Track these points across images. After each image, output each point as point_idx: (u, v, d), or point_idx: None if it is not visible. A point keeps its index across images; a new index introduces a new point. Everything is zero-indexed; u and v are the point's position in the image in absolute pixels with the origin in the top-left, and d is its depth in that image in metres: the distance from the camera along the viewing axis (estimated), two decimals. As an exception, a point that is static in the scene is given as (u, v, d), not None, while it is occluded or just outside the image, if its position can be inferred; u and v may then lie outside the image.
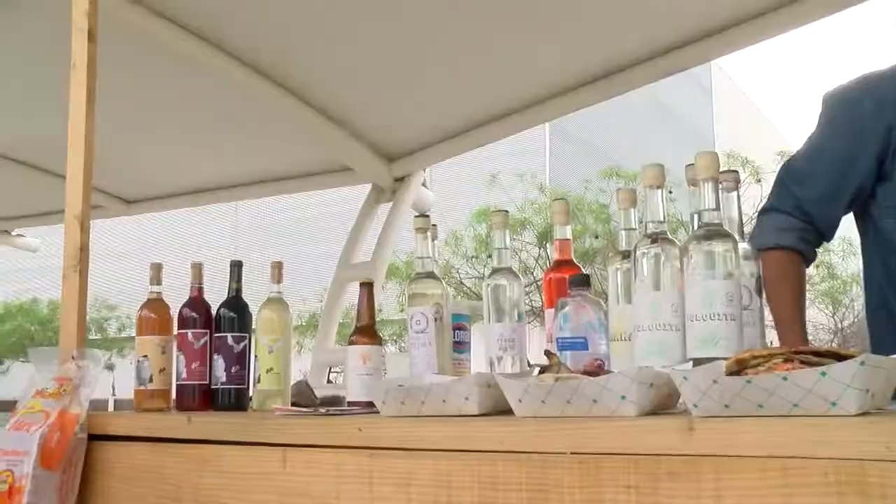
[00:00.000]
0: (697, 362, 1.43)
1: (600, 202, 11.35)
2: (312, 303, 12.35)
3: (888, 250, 1.91)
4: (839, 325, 16.50)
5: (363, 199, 4.31)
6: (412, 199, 4.26)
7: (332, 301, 4.31)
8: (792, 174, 2.05)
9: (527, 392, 1.38)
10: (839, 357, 1.15)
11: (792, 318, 1.94)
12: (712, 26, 2.92)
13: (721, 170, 1.66)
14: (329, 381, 4.43)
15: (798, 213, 1.99)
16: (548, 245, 11.12)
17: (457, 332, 2.16)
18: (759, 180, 11.94)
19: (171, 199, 4.94)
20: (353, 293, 3.28)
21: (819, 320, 16.85)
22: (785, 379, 1.11)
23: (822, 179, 1.98)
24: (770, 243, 2.00)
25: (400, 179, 4.18)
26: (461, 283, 10.80)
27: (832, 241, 2.07)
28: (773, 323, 1.92)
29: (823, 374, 1.09)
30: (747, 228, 1.85)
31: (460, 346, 2.17)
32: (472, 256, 10.85)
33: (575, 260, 1.91)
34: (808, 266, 2.02)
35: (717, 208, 1.52)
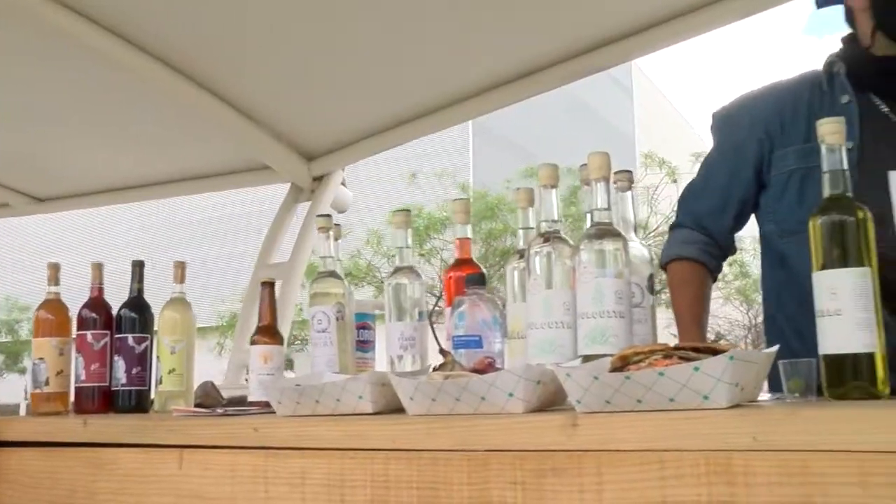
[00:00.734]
0: (588, 359, 1.45)
1: (510, 202, 11.50)
2: (234, 303, 12.20)
3: (770, 255, 1.98)
4: (753, 322, 16.98)
5: (283, 197, 4.27)
6: (331, 199, 4.23)
7: (250, 301, 4.23)
8: (690, 191, 2.15)
9: (417, 390, 1.40)
10: (715, 353, 1.19)
11: (690, 321, 2.01)
12: (632, 27, 2.97)
13: (615, 170, 1.71)
14: (247, 381, 4.38)
15: (698, 228, 2.07)
16: (519, 230, 11.18)
17: (361, 331, 2.16)
18: (675, 181, 12.19)
19: (86, 197, 4.80)
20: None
21: (735, 317, 17.32)
22: (661, 374, 1.15)
23: (711, 194, 2.07)
24: (673, 255, 2.08)
25: (319, 178, 4.15)
26: (382, 281, 10.80)
27: (746, 241, 2.14)
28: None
29: (696, 368, 1.12)
30: (664, 227, 1.90)
31: (364, 344, 2.17)
32: (393, 255, 10.85)
33: (474, 258, 1.93)
34: (714, 276, 2.09)
35: (608, 208, 1.55)
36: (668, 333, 1.91)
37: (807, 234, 1.39)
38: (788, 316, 1.89)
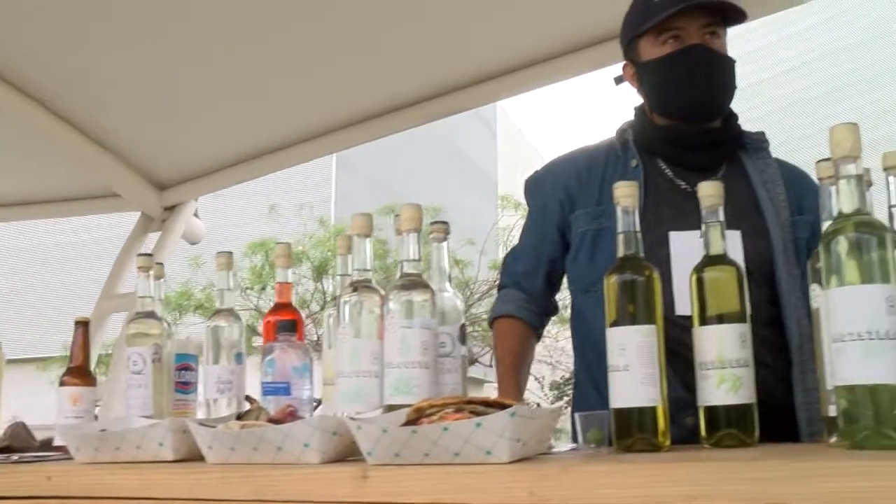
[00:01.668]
0: (392, 408, 1.47)
1: (378, 238, 11.50)
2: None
3: (574, 312, 2.06)
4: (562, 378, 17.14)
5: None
6: (182, 230, 4.13)
7: (92, 333, 4.08)
8: (510, 253, 2.23)
9: (215, 439, 1.38)
10: (504, 407, 1.22)
11: (505, 376, 2.06)
12: (496, 69, 3.06)
13: (431, 221, 1.74)
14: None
15: (517, 287, 2.14)
16: (324, 279, 11.12)
17: (182, 372, 2.11)
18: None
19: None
20: (115, 325, 3.12)
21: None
22: (446, 429, 1.17)
23: (526, 255, 2.15)
24: (496, 313, 2.15)
25: (170, 208, 4.05)
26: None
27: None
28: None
29: (479, 424, 1.15)
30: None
31: (185, 386, 2.12)
32: (247, 288, 10.67)
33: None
34: (537, 333, 2.15)
35: (418, 259, 1.58)
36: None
37: (600, 292, 1.46)
38: (589, 371, 1.96)
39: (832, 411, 1.29)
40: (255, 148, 3.70)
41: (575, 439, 1.67)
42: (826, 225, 1.34)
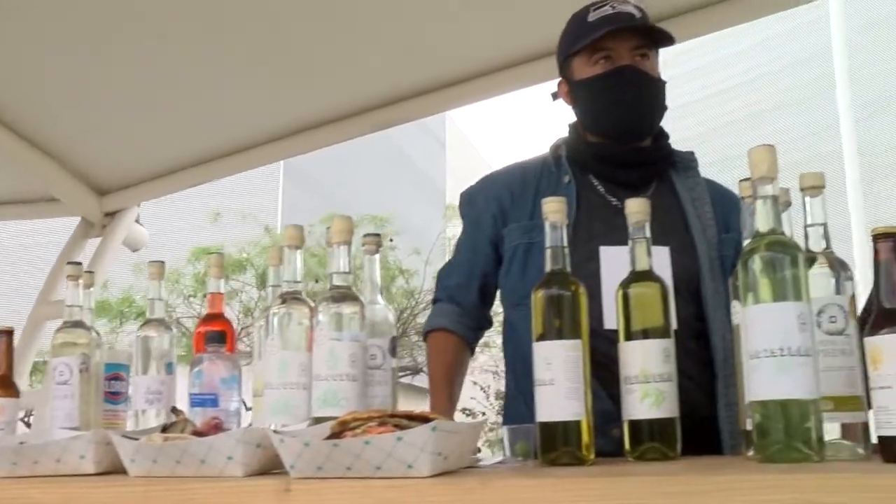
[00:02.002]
0: (319, 421, 1.47)
1: (322, 246, 11.43)
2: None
3: (506, 326, 2.07)
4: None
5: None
6: (123, 236, 4.07)
7: (27, 340, 3.98)
8: (444, 267, 2.24)
9: (138, 452, 1.36)
10: (427, 421, 1.23)
11: (437, 388, 2.08)
12: (445, 79, 3.07)
13: (364, 234, 1.75)
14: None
15: (450, 301, 2.15)
16: (269, 287, 11.02)
17: (112, 382, 2.08)
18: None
19: None
20: (50, 331, 3.06)
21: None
22: (367, 443, 1.17)
23: (459, 269, 2.16)
24: (429, 327, 2.16)
25: (111, 214, 3.99)
26: (179, 322, 10.45)
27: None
28: None
29: (400, 438, 1.15)
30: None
31: (115, 396, 2.08)
32: (190, 295, 10.54)
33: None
34: (471, 346, 2.17)
35: (349, 271, 1.58)
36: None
37: (530, 306, 1.47)
38: (519, 384, 1.97)
39: (749, 425, 1.32)
40: (199, 154, 3.66)
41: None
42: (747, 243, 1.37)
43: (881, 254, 1.19)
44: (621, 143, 2.02)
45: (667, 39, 1.98)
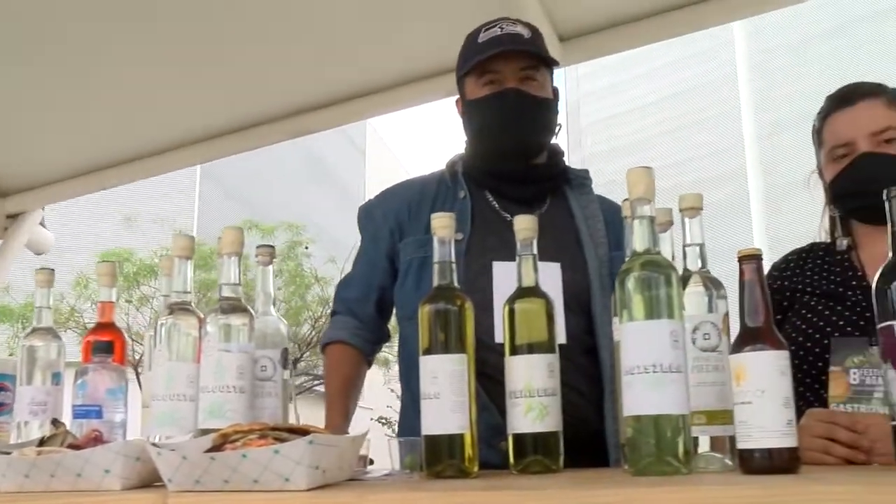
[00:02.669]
0: (204, 433, 1.45)
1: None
2: None
3: (400, 338, 2.09)
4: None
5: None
6: (26, 239, 3.96)
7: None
8: (342, 280, 2.25)
9: (9, 466, 1.33)
10: (306, 434, 1.23)
11: (332, 402, 2.07)
12: (363, 88, 3.07)
13: (258, 245, 1.75)
14: None
15: (349, 314, 2.16)
16: (161, 297, 10.84)
17: (-5, 392, 2.03)
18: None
19: None
20: None
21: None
22: (245, 456, 1.17)
23: (357, 283, 2.17)
24: (327, 339, 2.16)
25: (13, 216, 3.87)
26: (86, 327, 10.19)
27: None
28: None
29: (277, 451, 1.16)
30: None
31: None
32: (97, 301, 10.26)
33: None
34: (368, 360, 2.17)
35: (238, 283, 1.57)
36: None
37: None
38: (412, 395, 1.99)
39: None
40: (108, 157, 3.59)
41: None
42: (630, 261, 1.41)
43: (746, 274, 1.24)
44: (506, 164, 2.05)
45: (552, 62, 2.03)
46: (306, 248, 10.95)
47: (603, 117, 15.94)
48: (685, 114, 15.16)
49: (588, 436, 1.86)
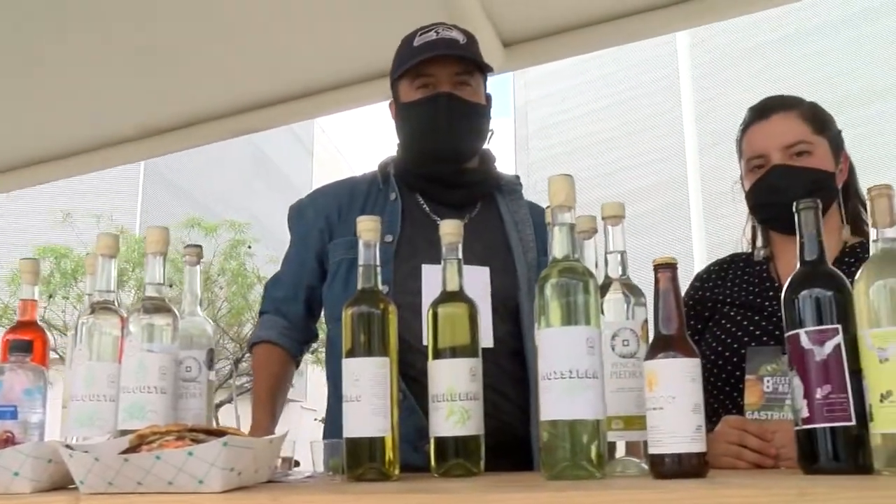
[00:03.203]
0: (124, 433, 1.44)
1: (179, 251, 11.09)
2: None
3: (328, 340, 2.08)
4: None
5: None
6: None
7: None
8: (271, 279, 2.24)
9: (-83, 467, 1.30)
10: (224, 435, 1.22)
11: (259, 402, 2.07)
12: (310, 88, 3.05)
13: (186, 245, 1.73)
14: None
15: (277, 313, 2.16)
16: (85, 296, 10.68)
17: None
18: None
19: None
20: None
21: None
22: (158, 458, 1.16)
23: (286, 282, 2.17)
24: (255, 339, 2.15)
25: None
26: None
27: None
28: None
29: (191, 453, 1.15)
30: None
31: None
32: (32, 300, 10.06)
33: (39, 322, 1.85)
34: (296, 360, 2.17)
35: (162, 282, 1.56)
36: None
37: (346, 321, 1.49)
38: (339, 396, 1.99)
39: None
40: (43, 152, 3.52)
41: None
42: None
43: (660, 283, 1.26)
44: (437, 168, 2.06)
45: (486, 68, 2.04)
46: (249, 247, 10.83)
47: (549, 123, 16.08)
48: (629, 121, 15.37)
49: (513, 439, 1.88)
